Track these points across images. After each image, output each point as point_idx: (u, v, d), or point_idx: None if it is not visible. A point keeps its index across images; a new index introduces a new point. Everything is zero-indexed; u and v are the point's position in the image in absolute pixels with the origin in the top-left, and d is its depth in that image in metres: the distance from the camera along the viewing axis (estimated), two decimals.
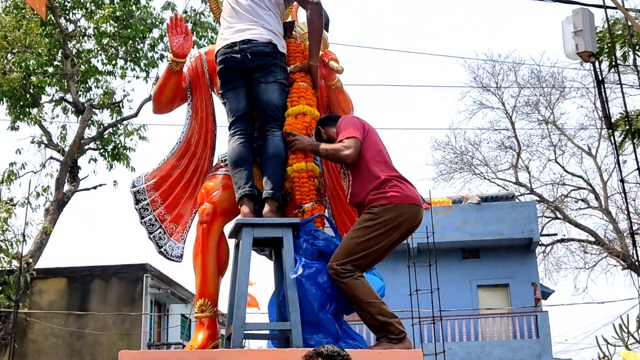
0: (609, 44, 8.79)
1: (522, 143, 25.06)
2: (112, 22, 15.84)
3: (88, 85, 16.60)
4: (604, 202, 23.48)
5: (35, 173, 15.40)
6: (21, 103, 15.59)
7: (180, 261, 4.58)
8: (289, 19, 4.71)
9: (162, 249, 4.52)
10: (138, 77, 16.37)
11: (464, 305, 19.78)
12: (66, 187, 15.29)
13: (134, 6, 15.88)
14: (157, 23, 15.88)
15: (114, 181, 16.05)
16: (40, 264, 15.06)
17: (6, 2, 15.48)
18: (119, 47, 16.13)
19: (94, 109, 16.14)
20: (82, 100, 16.24)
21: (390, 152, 4.30)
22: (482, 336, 19.39)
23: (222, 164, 4.61)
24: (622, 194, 8.89)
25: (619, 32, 9.57)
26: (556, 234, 24.17)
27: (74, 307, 16.90)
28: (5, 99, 15.27)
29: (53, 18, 14.90)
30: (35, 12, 12.87)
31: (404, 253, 14.15)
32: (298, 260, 3.95)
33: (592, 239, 23.36)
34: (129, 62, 16.25)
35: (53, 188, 15.19)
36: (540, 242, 22.35)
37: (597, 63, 7.01)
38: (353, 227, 4.04)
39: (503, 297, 20.94)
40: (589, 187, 24.22)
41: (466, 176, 25.70)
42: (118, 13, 15.72)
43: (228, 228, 4.40)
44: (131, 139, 16.23)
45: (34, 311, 16.43)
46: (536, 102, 24.99)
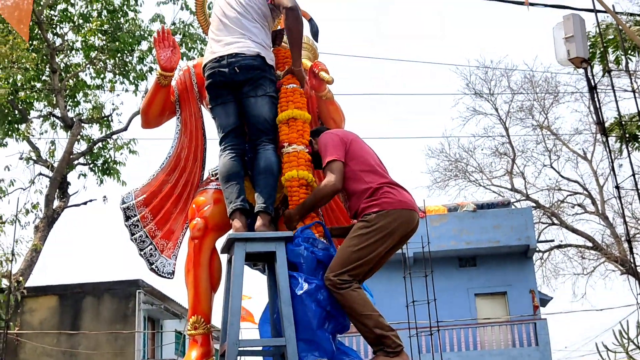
0: (601, 50, 8.82)
1: (517, 149, 25.17)
2: (100, 35, 15.86)
3: (77, 99, 16.59)
4: (601, 207, 23.54)
5: (24, 190, 15.38)
6: (9, 119, 15.55)
7: (172, 278, 4.57)
8: (279, 28, 4.71)
9: (154, 266, 4.51)
10: (127, 91, 16.41)
11: (462, 314, 19.78)
12: (56, 204, 15.25)
13: (122, 19, 15.90)
14: (146, 35, 15.90)
15: (104, 196, 16.04)
16: (30, 282, 15.01)
17: None
18: (108, 61, 16.15)
19: (83, 124, 16.13)
20: (71, 114, 16.23)
21: (383, 160, 4.32)
22: (481, 345, 19.38)
23: (213, 178, 4.60)
24: (618, 200, 8.90)
25: (611, 37, 9.61)
26: (553, 240, 24.25)
27: (66, 325, 16.82)
28: None
29: (40, 32, 14.89)
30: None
31: (400, 263, 14.14)
32: (298, 276, 3.93)
33: (590, 245, 23.40)
34: (118, 75, 16.26)
35: (42, 204, 15.14)
36: (537, 249, 22.38)
37: (590, 69, 7.04)
38: (348, 236, 4.03)
39: (501, 306, 20.93)
40: (585, 192, 24.30)
41: (461, 183, 25.78)
42: (106, 26, 15.73)
43: (220, 243, 4.39)
44: (121, 153, 16.24)
45: (25, 331, 16.33)
46: (530, 107, 25.11)
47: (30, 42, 14.97)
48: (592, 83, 7.03)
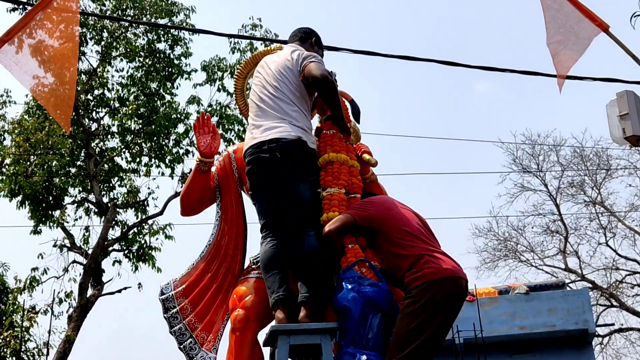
0: None
1: (569, 226, 24.80)
2: (136, 119, 16.24)
3: (111, 184, 16.86)
4: None
5: (57, 278, 15.48)
6: (43, 205, 15.84)
7: None
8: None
9: None
10: (163, 174, 16.62)
11: None
12: (90, 292, 15.32)
13: (158, 102, 16.29)
14: (182, 118, 16.23)
15: (139, 284, 16.06)
16: None
17: (28, 105, 15.97)
18: (143, 144, 16.45)
19: (118, 209, 16.33)
20: (105, 200, 16.47)
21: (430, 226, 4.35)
22: None
23: (254, 267, 4.61)
24: None
25: None
26: (613, 324, 23.56)
27: None
28: (27, 202, 15.53)
29: (76, 118, 15.30)
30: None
31: (450, 350, 13.83)
32: (354, 352, 3.89)
33: None
34: (154, 159, 16.53)
35: (76, 293, 15.24)
36: (596, 333, 21.75)
37: None
38: (399, 317, 3.97)
39: None
40: None
41: (511, 264, 25.38)
42: (142, 109, 16.13)
43: (262, 335, 4.35)
44: (157, 239, 16.33)
45: None
46: (581, 183, 24.85)
47: None
48: None
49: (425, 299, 3.90)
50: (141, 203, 16.60)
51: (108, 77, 16.76)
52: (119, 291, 15.96)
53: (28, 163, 15.24)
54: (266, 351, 4.40)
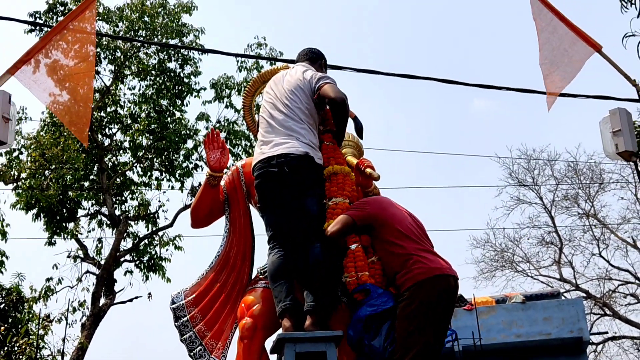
0: None
1: (564, 238, 24.72)
2: (148, 135, 16.28)
3: (123, 197, 16.88)
4: None
5: (71, 288, 15.49)
6: (58, 218, 15.86)
7: None
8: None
9: None
10: (173, 188, 16.64)
11: None
12: (102, 301, 15.31)
13: (169, 119, 16.34)
14: (192, 134, 16.28)
15: (149, 293, 16.05)
16: None
17: (44, 121, 16.02)
18: (154, 159, 16.49)
19: (129, 221, 16.35)
20: (118, 212, 16.48)
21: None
22: None
23: (262, 277, 4.61)
24: None
25: None
26: (607, 332, 23.43)
27: None
28: (42, 215, 15.56)
29: (90, 134, 15.34)
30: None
31: (449, 358, 13.78)
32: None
33: None
34: (164, 173, 16.56)
35: (89, 302, 15.23)
36: (590, 341, 21.63)
37: (639, 162, 6.99)
38: (397, 321, 3.98)
39: None
40: (637, 281, 23.63)
41: (508, 274, 25.27)
42: (153, 126, 16.18)
43: (269, 343, 4.35)
44: (167, 249, 16.33)
45: None
46: (575, 196, 24.80)
47: (80, 144, 15.43)
48: None
49: (418, 300, 3.92)
50: (152, 215, 16.61)
51: (121, 95, 16.84)
52: (130, 300, 15.95)
53: (43, 177, 15.27)
54: (273, 358, 4.39)
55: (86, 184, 16.31)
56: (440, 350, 4.01)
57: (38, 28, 15.15)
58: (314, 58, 4.82)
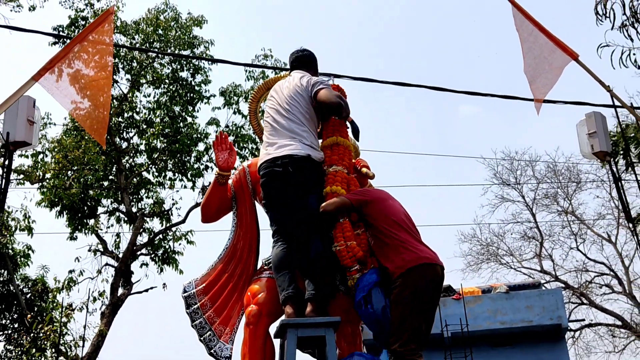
0: (623, 145, 8.73)
1: (544, 233, 24.70)
2: (162, 138, 16.27)
3: (140, 196, 16.88)
4: (628, 287, 22.80)
5: (92, 279, 15.48)
6: (79, 215, 15.86)
7: None
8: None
9: (212, 350, 4.48)
10: (185, 187, 16.64)
11: None
12: (120, 291, 15.30)
13: (181, 123, 16.35)
14: (202, 137, 16.27)
15: (164, 284, 16.03)
16: None
17: (66, 126, 16.02)
18: (168, 160, 16.48)
19: (145, 218, 16.34)
20: (134, 209, 16.47)
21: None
22: None
23: (266, 268, 4.61)
24: None
25: (632, 135, 9.53)
26: (584, 320, 23.41)
27: None
28: (65, 212, 15.55)
29: (109, 137, 15.34)
30: None
31: (439, 343, 13.76)
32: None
33: (619, 323, 22.57)
34: (177, 174, 16.55)
35: (108, 292, 15.22)
36: (569, 328, 21.58)
37: (613, 162, 6.99)
38: (391, 306, 3.98)
39: None
40: (612, 273, 23.61)
41: (493, 266, 25.24)
42: (167, 130, 16.17)
43: (273, 328, 4.35)
44: (179, 244, 16.33)
45: None
46: (554, 195, 24.78)
47: (99, 147, 15.43)
48: (617, 175, 6.94)
49: (410, 286, 3.91)
50: (166, 212, 16.60)
51: (137, 102, 16.82)
52: (146, 290, 15.94)
53: (66, 177, 15.27)
54: (277, 342, 4.39)
55: (105, 184, 16.31)
56: (428, 334, 4.00)
57: (61, 40, 15.14)
58: (308, 62, 4.81)
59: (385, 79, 7.50)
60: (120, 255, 15.70)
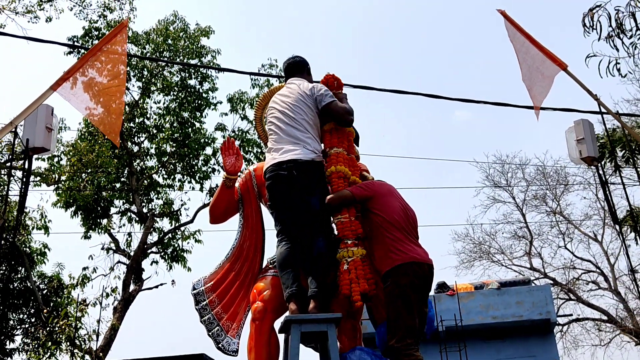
0: (609, 150, 8.74)
1: (534, 232, 24.68)
2: (171, 143, 16.27)
3: (150, 197, 16.87)
4: (613, 284, 22.78)
5: (105, 276, 15.47)
6: (93, 215, 15.85)
7: (236, 355, 4.52)
8: None
9: (220, 345, 4.47)
10: (194, 189, 16.63)
11: None
12: (131, 287, 15.29)
13: (190, 129, 16.34)
14: (210, 142, 16.26)
15: (173, 280, 16.02)
16: (108, 358, 14.90)
17: (81, 131, 16.02)
18: (177, 164, 16.48)
19: (155, 218, 16.34)
20: (145, 210, 16.47)
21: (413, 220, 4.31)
22: None
23: (271, 266, 4.60)
24: (634, 283, 8.63)
25: (618, 138, 9.52)
26: (572, 315, 23.38)
27: None
28: (80, 212, 15.55)
29: (121, 141, 15.33)
30: (106, 138, 13.27)
31: (434, 336, 13.75)
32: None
33: (605, 318, 22.54)
34: (186, 176, 16.55)
35: (120, 288, 15.22)
36: (557, 323, 21.58)
37: (600, 166, 6.99)
38: (386, 303, 3.97)
39: None
40: (598, 270, 23.60)
41: (485, 264, 25.23)
42: (176, 135, 16.17)
43: (278, 324, 4.34)
44: (188, 242, 16.32)
45: None
46: (543, 196, 24.76)
47: (112, 150, 15.43)
48: (604, 178, 6.95)
49: (402, 283, 3.90)
50: (175, 213, 16.59)
51: (147, 108, 16.82)
52: (156, 287, 15.93)
53: (80, 179, 15.26)
54: (281, 337, 4.38)
55: (118, 186, 16.31)
56: (422, 329, 3.99)
57: (76, 50, 15.16)
58: (302, 68, 4.79)
59: (384, 87, 7.47)
60: (131, 253, 15.69)
